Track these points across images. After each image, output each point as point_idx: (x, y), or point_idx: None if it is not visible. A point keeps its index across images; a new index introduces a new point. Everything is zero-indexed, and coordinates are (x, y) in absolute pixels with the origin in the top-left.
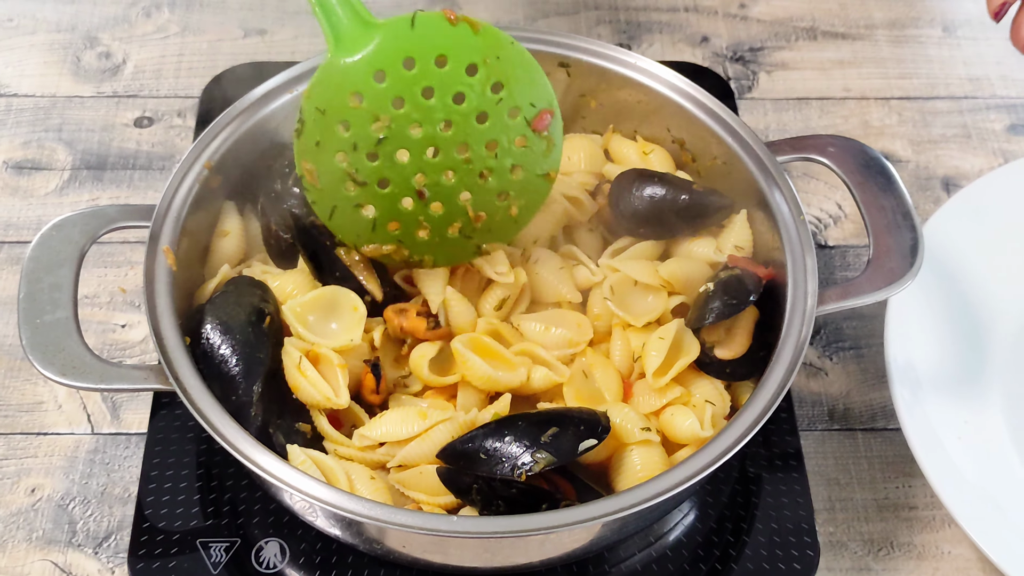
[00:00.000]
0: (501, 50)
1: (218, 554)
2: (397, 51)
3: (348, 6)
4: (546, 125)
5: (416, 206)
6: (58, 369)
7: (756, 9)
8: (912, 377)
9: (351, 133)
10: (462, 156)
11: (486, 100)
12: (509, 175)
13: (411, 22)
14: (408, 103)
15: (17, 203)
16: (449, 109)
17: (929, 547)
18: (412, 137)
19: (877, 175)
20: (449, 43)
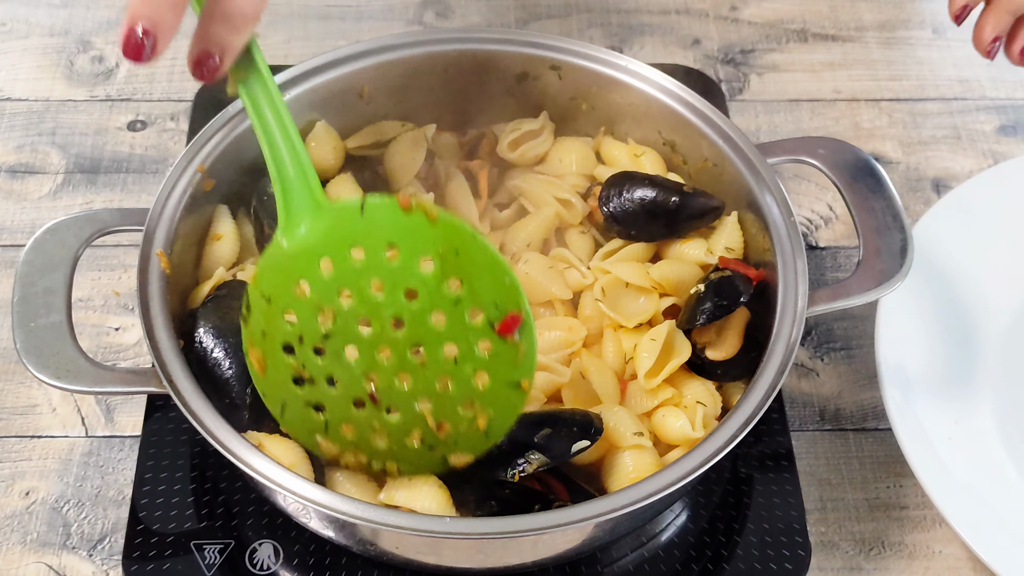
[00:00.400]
0: (461, 244)
1: (212, 556)
2: (345, 238)
3: (304, 185)
4: (513, 330)
5: (370, 410)
6: (52, 372)
7: (747, 11)
8: (902, 378)
9: (297, 324)
10: (417, 359)
11: (441, 299)
12: (473, 383)
13: (360, 207)
14: (355, 296)
15: (11, 207)
16: (399, 306)
17: (920, 546)
18: (360, 334)
19: (867, 177)
20: (401, 233)
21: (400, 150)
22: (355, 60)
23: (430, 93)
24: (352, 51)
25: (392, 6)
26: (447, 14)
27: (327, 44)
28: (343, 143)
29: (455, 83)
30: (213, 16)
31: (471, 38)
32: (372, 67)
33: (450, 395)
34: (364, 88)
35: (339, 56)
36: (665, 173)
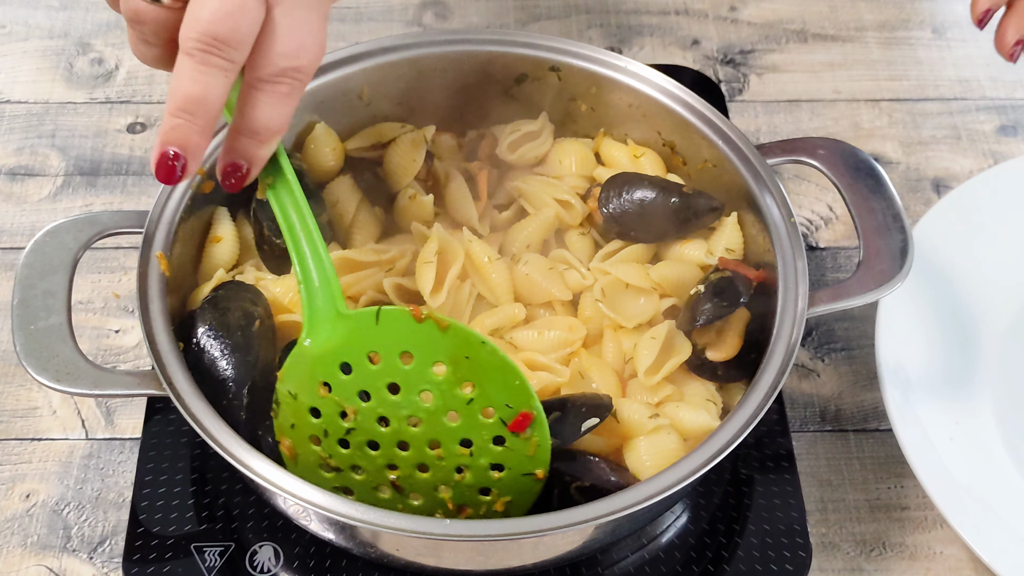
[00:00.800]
0: (470, 350)
1: (212, 558)
2: (362, 344)
3: (328, 292)
4: (525, 428)
5: (394, 496)
6: (52, 375)
7: (746, 12)
8: (903, 378)
9: (322, 420)
10: (433, 452)
11: (454, 399)
12: (488, 473)
13: (376, 317)
14: (374, 398)
15: (10, 209)
16: (415, 406)
17: (921, 547)
18: (380, 431)
19: (867, 177)
20: (414, 340)
21: (399, 152)
22: (354, 62)
23: (429, 95)
24: (351, 52)
25: (391, 7)
26: (446, 15)
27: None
28: (342, 145)
29: (454, 84)
30: (241, 130)
31: (470, 39)
32: (371, 69)
33: (467, 483)
34: (363, 90)
35: (338, 58)
36: (665, 174)
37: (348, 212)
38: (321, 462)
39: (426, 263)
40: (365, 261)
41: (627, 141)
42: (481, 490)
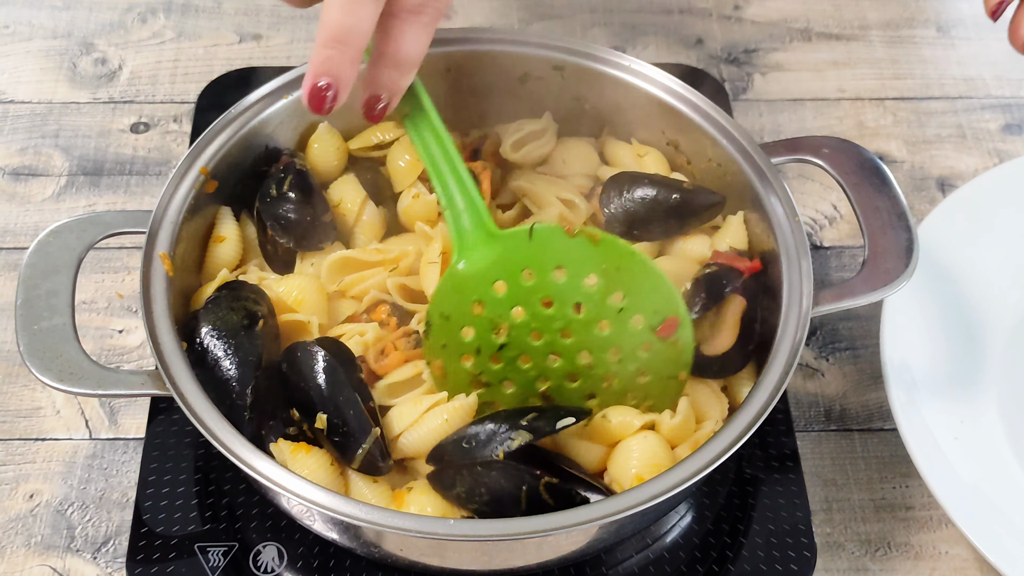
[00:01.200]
0: (621, 260)
1: (216, 558)
2: (516, 262)
3: (475, 215)
4: (672, 333)
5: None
6: (55, 375)
7: (750, 10)
8: (908, 378)
9: (474, 338)
10: (584, 362)
11: (606, 310)
12: (635, 379)
13: (529, 234)
14: (528, 312)
15: (14, 209)
16: (568, 318)
17: (926, 547)
18: (533, 344)
19: (872, 176)
20: (568, 254)
21: (403, 151)
22: None
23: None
24: None
25: None
26: (450, 14)
27: None
28: (345, 145)
29: (458, 84)
30: (381, 61)
31: (474, 38)
32: None
33: (614, 390)
34: None
35: None
36: (669, 173)
37: (352, 211)
38: (472, 379)
39: (431, 263)
40: (369, 260)
41: (631, 140)
42: (628, 396)
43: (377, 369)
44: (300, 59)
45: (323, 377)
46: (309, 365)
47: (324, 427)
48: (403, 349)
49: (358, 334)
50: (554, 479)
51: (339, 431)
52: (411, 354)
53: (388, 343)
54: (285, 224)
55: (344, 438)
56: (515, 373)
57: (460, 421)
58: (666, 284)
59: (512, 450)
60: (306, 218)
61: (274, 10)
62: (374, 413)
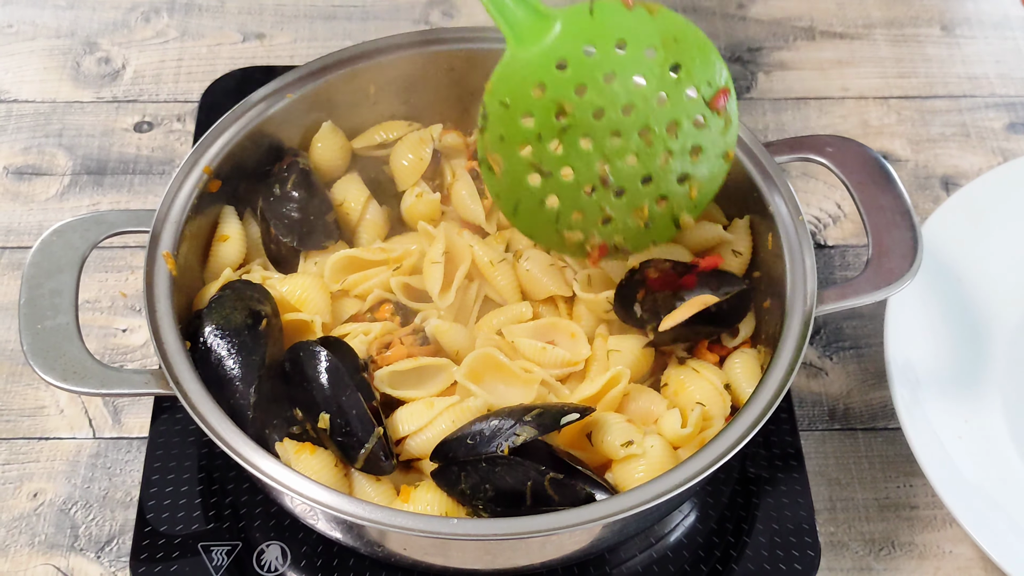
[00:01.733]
0: (678, 31)
1: (220, 557)
2: (578, 39)
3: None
4: (724, 104)
5: (600, 193)
6: (59, 374)
7: (754, 9)
8: (912, 377)
9: (535, 124)
10: (643, 139)
11: (665, 82)
12: (689, 157)
13: (590, 9)
14: (591, 89)
15: (18, 209)
16: (631, 93)
17: (930, 546)
18: (595, 123)
19: (876, 175)
20: (628, 28)
21: (406, 150)
22: (361, 60)
23: (436, 93)
24: (358, 51)
25: (398, 6)
26: (453, 14)
27: (333, 44)
28: (349, 143)
29: (461, 83)
30: None
31: (477, 37)
32: (378, 67)
33: (670, 169)
34: (370, 88)
35: (345, 56)
36: None
37: (355, 210)
38: (531, 170)
39: (434, 263)
40: (372, 259)
41: None
42: (680, 178)
43: (380, 361)
44: (303, 58)
45: (326, 377)
46: (312, 365)
47: (327, 427)
48: (408, 344)
49: (362, 333)
50: (559, 474)
51: (342, 431)
52: (415, 350)
53: (394, 338)
54: (288, 223)
55: (347, 438)
56: (575, 158)
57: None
58: (717, 55)
59: (517, 446)
60: (309, 217)
61: (277, 9)
62: (377, 412)
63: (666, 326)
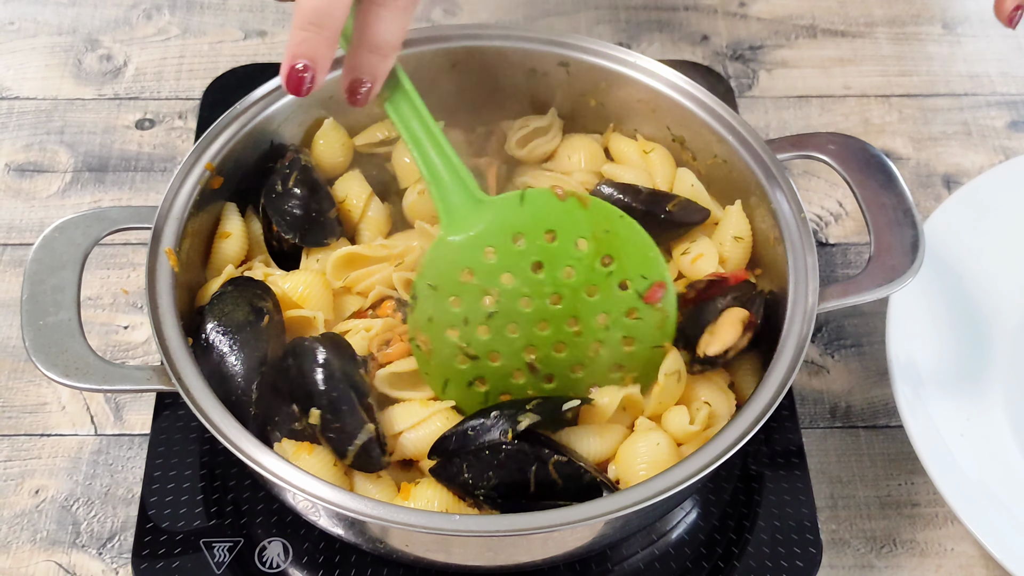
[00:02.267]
0: (610, 224)
1: (221, 554)
2: (507, 227)
3: (461, 186)
4: (659, 298)
5: (528, 380)
6: (61, 370)
7: (756, 7)
8: (914, 374)
9: (462, 308)
10: (572, 329)
11: (595, 274)
12: (621, 347)
13: (520, 199)
14: (518, 278)
15: (19, 205)
16: (558, 283)
17: (932, 544)
18: (522, 311)
19: (878, 172)
20: (558, 218)
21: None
22: None
23: (438, 90)
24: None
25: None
26: (455, 11)
27: None
28: (351, 141)
29: (463, 80)
30: (361, 47)
31: (479, 35)
32: None
33: (601, 360)
34: None
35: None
36: (674, 169)
37: (357, 207)
38: (458, 352)
39: None
40: (374, 256)
41: (636, 136)
42: (614, 368)
43: (380, 358)
44: None
45: (319, 373)
46: (307, 360)
47: (318, 423)
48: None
49: (364, 330)
50: (563, 457)
51: (331, 426)
52: None
53: (395, 335)
54: (290, 220)
55: (337, 434)
56: (502, 343)
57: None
58: (653, 248)
59: (520, 432)
60: (311, 214)
61: (279, 6)
62: (370, 410)
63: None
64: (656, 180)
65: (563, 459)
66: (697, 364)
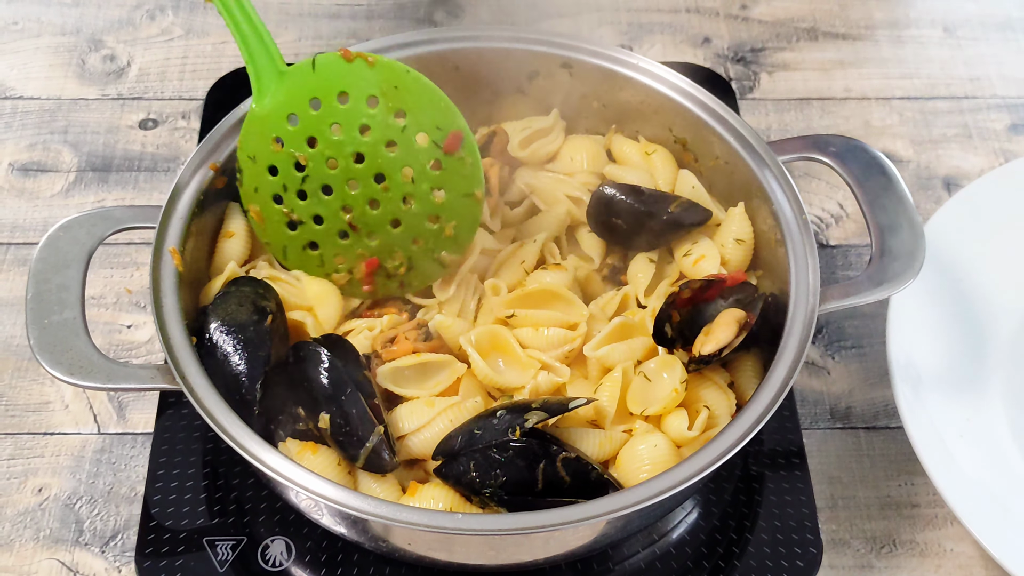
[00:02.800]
0: (398, 80)
1: (224, 552)
2: (303, 93)
3: (267, 53)
4: (457, 147)
5: (353, 239)
6: (66, 368)
7: (757, 10)
8: (914, 375)
9: (279, 176)
10: (380, 186)
11: (390, 129)
12: (431, 198)
13: (312, 65)
14: (320, 141)
15: (23, 205)
16: (357, 142)
17: (932, 545)
18: (330, 173)
19: (879, 174)
20: (347, 80)
21: None
22: None
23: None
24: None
25: (402, 5)
26: (457, 13)
27: (337, 43)
28: None
29: (466, 81)
30: None
31: (482, 36)
32: None
33: (415, 212)
34: None
35: None
36: (676, 171)
37: None
38: (285, 219)
39: None
40: None
41: (639, 138)
42: (430, 219)
43: (384, 355)
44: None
45: (326, 377)
46: (312, 364)
47: (327, 427)
48: (412, 340)
49: (367, 329)
50: (571, 454)
51: (342, 431)
52: (419, 346)
53: (400, 333)
54: None
55: (347, 438)
56: (321, 206)
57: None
58: (443, 99)
59: (527, 429)
60: None
61: (282, 7)
62: (378, 411)
63: (710, 349)
64: (658, 181)
65: (571, 456)
66: (693, 363)
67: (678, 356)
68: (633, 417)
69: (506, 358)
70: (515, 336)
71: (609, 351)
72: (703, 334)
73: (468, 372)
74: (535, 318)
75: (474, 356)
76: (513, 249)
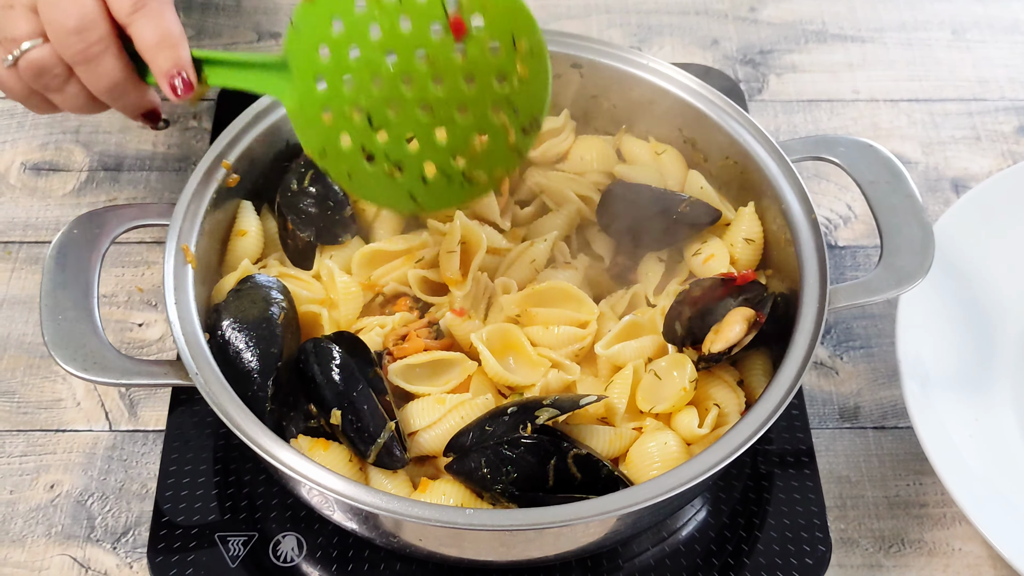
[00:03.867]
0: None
1: (236, 548)
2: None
3: (262, 70)
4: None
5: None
6: (80, 365)
7: (766, 12)
8: (922, 375)
9: (353, 142)
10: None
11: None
12: (496, 87)
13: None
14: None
15: (35, 204)
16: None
17: (940, 544)
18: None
19: (888, 175)
20: None
21: None
22: None
23: None
24: None
25: None
26: None
27: None
28: None
29: None
30: (149, 54)
31: None
32: None
33: (484, 101)
34: None
35: None
36: (686, 171)
37: (371, 207)
38: (388, 172)
39: (449, 252)
40: (394, 251)
41: (648, 138)
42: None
43: (396, 352)
44: None
45: (337, 373)
46: (324, 361)
47: (339, 423)
48: (424, 338)
49: (378, 326)
50: (582, 451)
51: (354, 427)
52: (430, 343)
53: (411, 330)
54: (305, 218)
55: (359, 434)
56: (398, 126)
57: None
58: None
59: (538, 426)
60: (326, 212)
61: (284, 10)
62: (389, 407)
63: (719, 347)
64: (668, 181)
65: (582, 452)
66: (703, 361)
67: (688, 354)
68: (643, 415)
69: (516, 356)
70: (525, 334)
71: (619, 349)
72: (713, 332)
73: (479, 370)
74: (545, 316)
75: (485, 354)
76: (524, 248)
